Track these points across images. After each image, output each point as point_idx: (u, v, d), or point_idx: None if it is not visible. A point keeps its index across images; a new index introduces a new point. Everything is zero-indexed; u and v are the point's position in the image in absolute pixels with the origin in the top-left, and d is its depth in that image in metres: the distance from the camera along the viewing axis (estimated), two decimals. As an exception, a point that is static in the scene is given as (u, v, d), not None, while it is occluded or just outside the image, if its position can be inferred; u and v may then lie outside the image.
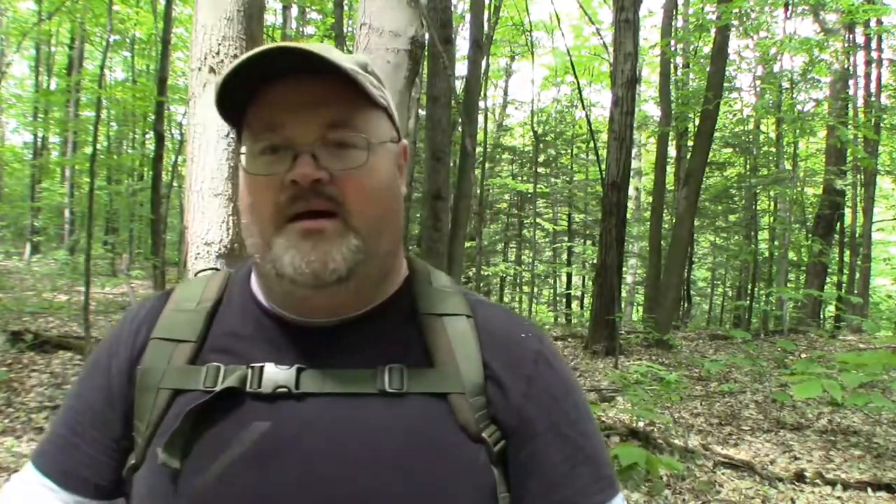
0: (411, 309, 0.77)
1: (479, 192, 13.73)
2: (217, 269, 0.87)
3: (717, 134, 13.11)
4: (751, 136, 15.58)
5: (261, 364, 0.71)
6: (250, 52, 0.66)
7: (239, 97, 0.70)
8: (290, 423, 0.69)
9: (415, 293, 0.79)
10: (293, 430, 0.69)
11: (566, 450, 0.74)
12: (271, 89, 0.69)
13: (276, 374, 0.71)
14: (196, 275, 0.87)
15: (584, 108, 13.73)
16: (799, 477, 4.23)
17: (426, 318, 0.76)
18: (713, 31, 11.10)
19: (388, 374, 0.71)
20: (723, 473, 4.31)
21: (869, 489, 4.04)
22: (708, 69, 11.87)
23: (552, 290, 20.72)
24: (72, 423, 0.78)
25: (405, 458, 0.68)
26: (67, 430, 0.78)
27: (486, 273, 17.51)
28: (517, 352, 0.76)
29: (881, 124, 13.61)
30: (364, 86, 0.68)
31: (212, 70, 2.35)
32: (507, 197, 20.09)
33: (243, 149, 0.72)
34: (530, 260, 17.76)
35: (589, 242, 19.50)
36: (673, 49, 13.52)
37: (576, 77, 13.00)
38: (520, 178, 19.74)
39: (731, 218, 17.06)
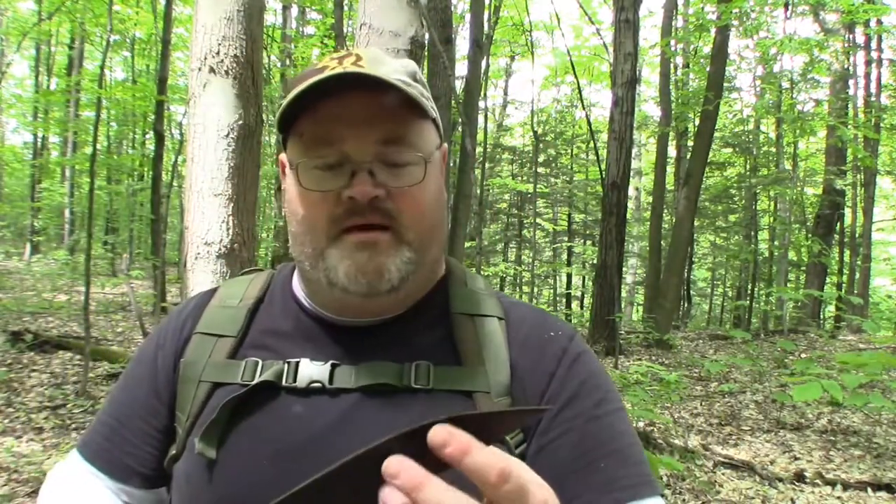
0: (445, 308, 0.78)
1: (479, 192, 13.72)
2: (261, 270, 0.90)
3: (717, 134, 13.12)
4: (751, 136, 15.58)
5: (297, 360, 0.74)
6: (312, 80, 0.67)
7: (293, 109, 0.71)
8: (323, 417, 0.71)
9: (450, 293, 0.80)
10: (325, 424, 0.70)
11: (582, 445, 0.70)
12: (325, 103, 0.69)
13: (310, 370, 0.73)
14: (241, 274, 0.90)
15: (584, 108, 13.73)
16: (799, 477, 4.23)
17: (458, 317, 0.77)
18: (713, 31, 11.10)
19: (415, 371, 0.72)
20: (723, 473, 4.31)
21: (869, 489, 4.04)
22: (708, 69, 11.87)
23: (552, 290, 20.71)
24: (118, 413, 0.81)
25: None
26: (113, 419, 0.81)
27: (486, 273, 17.50)
28: (544, 351, 0.76)
29: (881, 124, 13.60)
30: (418, 100, 0.69)
31: (212, 70, 2.35)
32: (507, 197, 20.09)
33: (288, 157, 0.73)
34: (530, 260, 17.75)
35: (589, 242, 19.49)
36: (673, 49, 13.52)
37: (576, 77, 13.00)
38: (520, 178, 19.74)
39: (731, 218, 17.05)
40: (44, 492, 0.80)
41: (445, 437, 0.39)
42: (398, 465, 0.39)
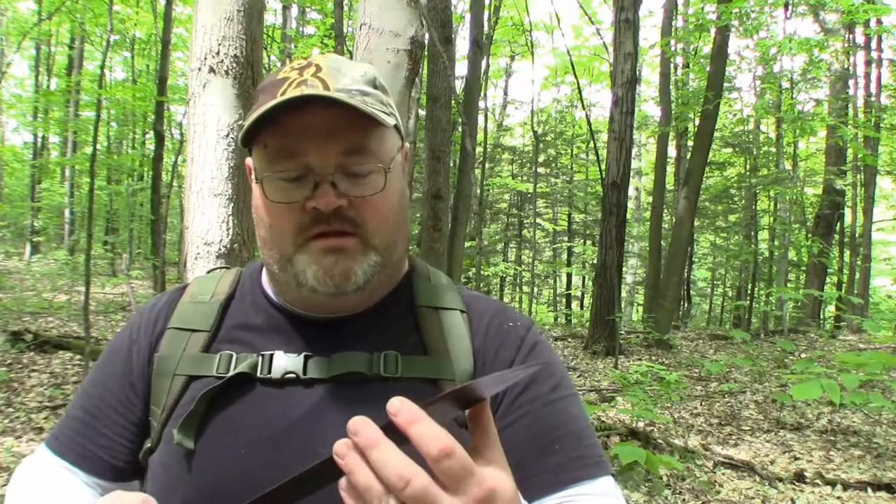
0: (410, 302, 0.82)
1: (479, 192, 13.72)
2: (228, 268, 0.92)
3: (717, 134, 13.11)
4: (751, 136, 15.58)
5: (270, 352, 0.76)
6: (274, 102, 0.69)
7: (256, 122, 0.73)
8: (299, 406, 0.73)
9: (414, 288, 0.84)
10: (301, 414, 0.73)
11: (538, 427, 0.74)
12: (287, 117, 0.71)
13: (284, 361, 0.75)
14: (209, 272, 0.92)
15: (584, 108, 13.73)
16: (799, 477, 4.23)
17: (423, 310, 0.81)
18: (713, 31, 11.09)
19: (384, 360, 0.76)
20: (723, 473, 4.31)
21: (869, 489, 4.04)
22: (708, 69, 11.86)
23: (552, 290, 20.73)
24: (89, 407, 0.82)
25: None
26: (85, 413, 0.81)
27: (486, 273, 17.50)
28: (503, 340, 0.81)
29: (881, 124, 13.60)
30: (376, 115, 0.71)
31: (212, 70, 2.35)
32: (507, 197, 20.09)
33: (255, 166, 0.75)
34: (530, 260, 17.75)
35: (589, 242, 19.50)
36: (673, 49, 13.52)
37: (576, 77, 13.00)
38: (520, 178, 19.75)
39: (731, 218, 17.05)
40: (13, 487, 0.80)
41: (398, 405, 0.44)
42: (359, 425, 0.44)
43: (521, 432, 0.74)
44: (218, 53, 2.35)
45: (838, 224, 14.52)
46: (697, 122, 11.86)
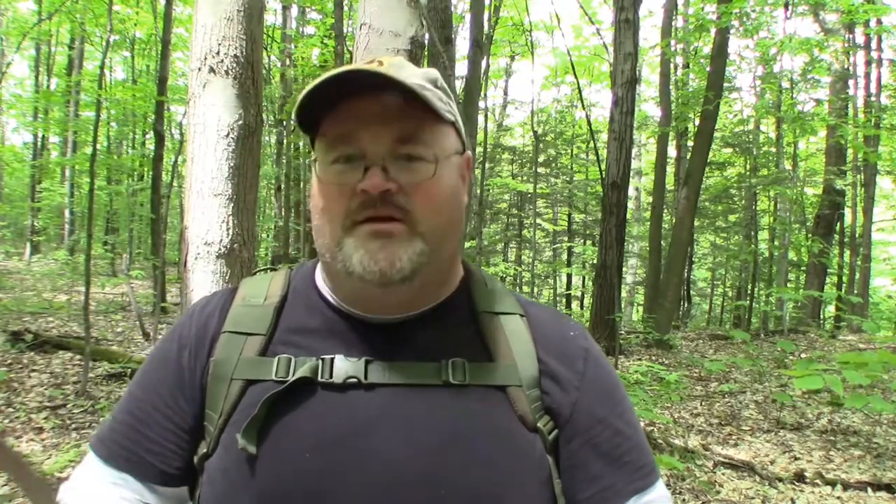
0: (469, 308, 0.83)
1: (479, 192, 13.72)
2: (276, 269, 0.92)
3: (717, 134, 13.11)
4: (751, 136, 15.57)
5: (331, 356, 0.76)
6: (328, 75, 0.71)
7: (316, 109, 0.75)
8: (361, 411, 0.74)
9: (472, 294, 0.84)
10: (364, 419, 0.73)
11: (614, 440, 0.79)
12: (346, 103, 0.73)
13: (346, 366, 0.76)
14: (254, 273, 0.92)
15: (584, 108, 13.72)
16: (799, 477, 4.23)
17: (484, 316, 0.82)
18: (713, 31, 11.09)
19: (452, 368, 0.76)
20: (723, 473, 4.31)
21: (869, 489, 4.04)
22: (708, 69, 11.86)
23: (552, 290, 20.70)
24: (137, 412, 0.82)
25: (470, 445, 0.73)
26: (133, 418, 0.81)
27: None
28: (568, 348, 0.83)
29: (881, 124, 13.60)
30: (431, 102, 0.73)
31: (212, 70, 2.35)
32: (507, 197, 20.08)
33: (315, 156, 0.77)
34: (530, 260, 17.74)
35: (589, 242, 19.49)
36: (673, 49, 13.52)
37: (576, 77, 12.99)
38: (520, 178, 19.74)
39: (731, 218, 17.05)
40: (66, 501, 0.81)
41: None
42: None
43: (603, 445, 0.79)
44: (218, 53, 2.35)
45: (838, 224, 14.52)
46: (697, 122, 11.85)
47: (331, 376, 0.75)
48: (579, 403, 0.79)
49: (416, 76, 0.75)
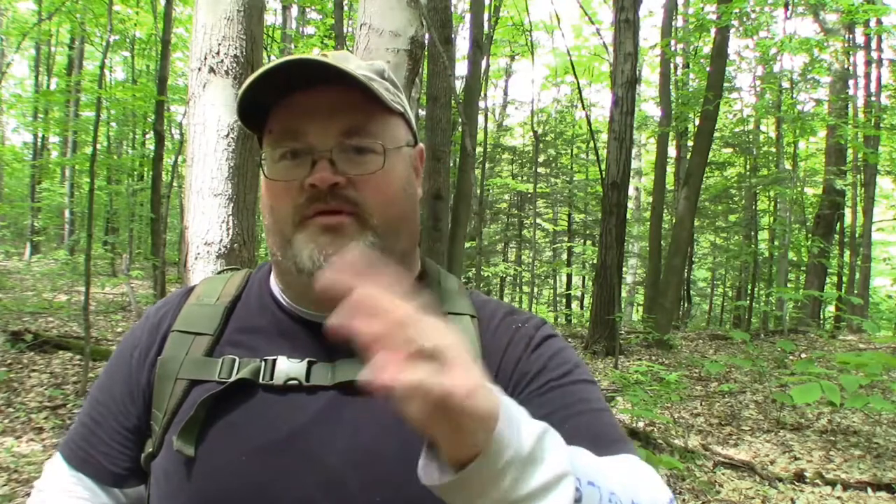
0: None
1: (479, 192, 13.72)
2: (238, 269, 0.90)
3: (717, 134, 13.11)
4: (751, 136, 15.57)
5: (273, 357, 0.75)
6: (269, 65, 0.69)
7: (260, 106, 0.73)
8: (301, 414, 0.72)
9: (423, 293, 0.80)
10: (304, 421, 0.71)
11: (546, 408, 0.70)
12: (291, 98, 0.72)
13: (287, 367, 0.74)
14: (218, 273, 0.91)
15: (584, 108, 13.72)
16: (799, 477, 4.23)
17: None
18: (713, 31, 11.10)
19: None
20: (723, 473, 4.31)
21: (869, 489, 4.04)
22: (708, 69, 11.87)
23: (552, 290, 20.71)
24: (94, 413, 0.82)
25: (413, 449, 0.69)
26: (90, 419, 0.82)
27: (486, 273, 17.50)
28: (511, 339, 0.78)
29: (881, 124, 13.60)
30: (378, 93, 0.71)
31: (212, 70, 2.35)
32: (507, 197, 20.08)
33: (264, 154, 0.75)
34: (530, 260, 17.74)
35: (589, 242, 19.48)
36: (673, 49, 13.52)
37: (576, 77, 12.99)
38: (520, 178, 19.75)
39: (731, 218, 17.05)
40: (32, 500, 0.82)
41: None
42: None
43: (557, 400, 0.72)
44: (218, 53, 2.35)
45: (838, 224, 14.51)
46: (697, 122, 11.86)
47: (272, 378, 0.73)
48: (516, 379, 0.74)
49: (363, 68, 0.74)
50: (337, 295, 0.73)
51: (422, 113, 9.07)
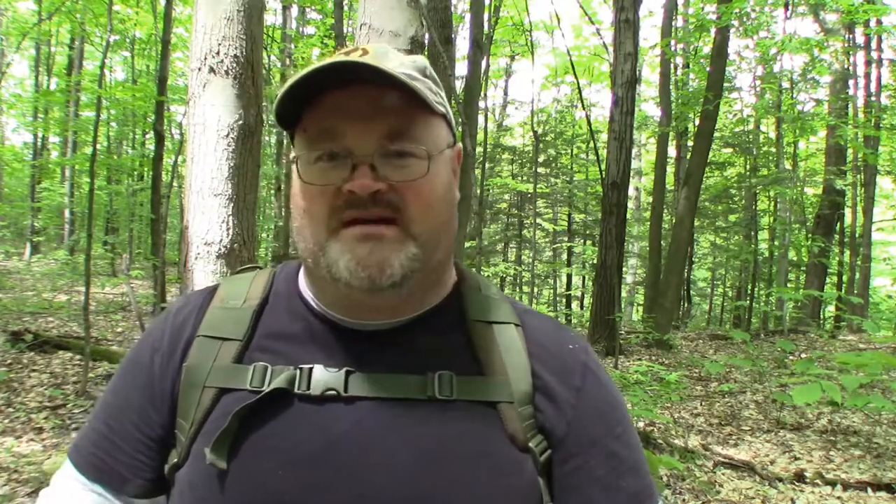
0: (460, 315, 0.76)
1: (479, 192, 13.72)
2: (260, 268, 0.86)
3: (717, 134, 13.11)
4: (751, 136, 15.57)
5: (309, 365, 0.71)
6: (310, 68, 0.66)
7: (296, 103, 0.69)
8: (339, 425, 0.69)
9: (464, 300, 0.78)
10: (341, 434, 0.68)
11: (610, 463, 0.74)
12: (329, 96, 0.68)
13: (325, 376, 0.70)
14: (237, 272, 0.86)
15: (584, 108, 13.72)
16: (799, 477, 4.23)
17: (476, 325, 0.75)
18: (713, 31, 11.09)
19: (438, 381, 0.70)
20: (723, 473, 4.31)
21: (869, 489, 4.04)
22: (708, 69, 11.86)
23: (552, 290, 20.70)
24: (109, 419, 0.78)
25: (453, 465, 0.68)
26: (104, 426, 0.78)
27: (486, 273, 17.49)
28: (566, 363, 0.76)
29: (881, 124, 13.60)
30: (422, 94, 0.67)
31: (212, 70, 2.35)
32: (507, 197, 20.07)
33: (296, 154, 0.71)
34: (530, 260, 17.74)
35: (589, 242, 19.48)
36: (673, 49, 13.52)
37: (576, 77, 12.98)
38: (520, 178, 19.73)
39: (731, 218, 17.05)
40: None
41: None
42: None
43: (598, 469, 0.73)
44: (218, 53, 2.35)
45: (838, 224, 14.51)
46: (697, 122, 11.85)
47: (308, 388, 0.69)
48: (574, 423, 0.73)
49: (405, 65, 0.69)
50: (380, 305, 0.73)
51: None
